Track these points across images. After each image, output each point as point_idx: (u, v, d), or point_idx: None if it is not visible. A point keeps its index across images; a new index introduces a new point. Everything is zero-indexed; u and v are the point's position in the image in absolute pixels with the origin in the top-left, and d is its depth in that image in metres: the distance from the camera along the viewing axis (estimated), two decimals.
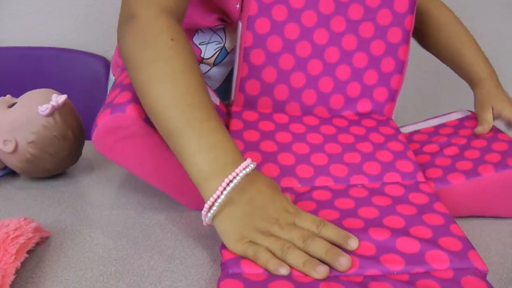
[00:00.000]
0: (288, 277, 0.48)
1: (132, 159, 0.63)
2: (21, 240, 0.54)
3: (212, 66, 0.91)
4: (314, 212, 0.57)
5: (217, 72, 0.92)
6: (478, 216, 0.71)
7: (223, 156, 0.54)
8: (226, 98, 0.86)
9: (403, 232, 0.55)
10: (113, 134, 0.60)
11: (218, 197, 0.52)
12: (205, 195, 0.54)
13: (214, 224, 0.54)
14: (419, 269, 0.51)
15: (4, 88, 1.33)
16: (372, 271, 0.50)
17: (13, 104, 0.74)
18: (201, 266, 0.57)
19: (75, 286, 0.53)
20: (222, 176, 0.53)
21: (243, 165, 0.54)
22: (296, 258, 0.50)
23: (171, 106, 0.56)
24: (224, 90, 0.93)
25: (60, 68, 1.37)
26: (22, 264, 0.54)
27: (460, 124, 0.83)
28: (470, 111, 0.87)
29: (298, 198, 0.63)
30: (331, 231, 0.53)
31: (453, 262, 0.51)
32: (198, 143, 0.55)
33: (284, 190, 0.64)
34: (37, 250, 0.58)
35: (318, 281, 0.48)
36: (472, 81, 0.88)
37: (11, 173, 0.77)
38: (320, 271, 0.49)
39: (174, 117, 0.56)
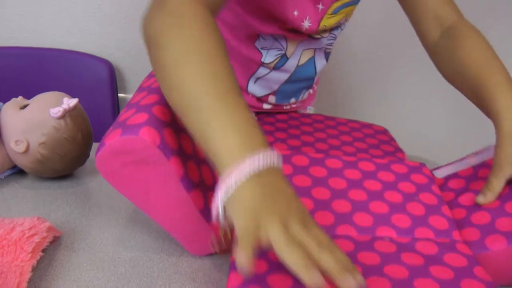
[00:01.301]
0: None
1: (138, 188, 0.55)
2: (36, 239, 0.55)
3: (271, 69, 0.94)
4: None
5: (276, 76, 0.96)
6: None
7: (256, 136, 0.48)
8: (281, 98, 0.98)
9: None
10: (121, 157, 0.53)
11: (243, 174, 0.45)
12: (223, 169, 0.46)
13: (230, 202, 0.45)
14: None
15: (10, 86, 1.35)
16: None
17: (25, 106, 0.75)
18: (208, 270, 0.59)
19: (87, 285, 0.54)
20: (252, 154, 0.45)
21: (273, 152, 0.47)
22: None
23: (199, 82, 0.50)
24: (281, 91, 0.99)
25: (64, 69, 1.39)
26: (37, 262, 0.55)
27: None
28: None
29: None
30: (340, 256, 0.44)
31: None
32: (230, 117, 0.48)
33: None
34: (49, 249, 0.59)
35: None
36: (492, 118, 0.68)
37: (19, 172, 0.79)
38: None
39: (202, 92, 0.49)
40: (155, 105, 0.55)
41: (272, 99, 1.01)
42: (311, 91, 1.08)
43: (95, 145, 0.79)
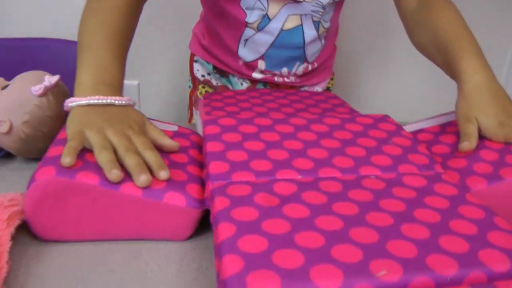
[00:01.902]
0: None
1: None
2: (14, 209, 0.55)
3: (256, 31, 0.98)
4: (327, 206, 0.50)
5: (261, 38, 0.99)
6: None
7: (107, 80, 0.66)
8: (271, 64, 1.02)
9: (443, 228, 0.47)
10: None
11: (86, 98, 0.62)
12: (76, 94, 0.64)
13: (68, 119, 0.60)
14: (475, 272, 0.42)
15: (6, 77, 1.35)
16: (420, 278, 0.41)
17: (5, 86, 0.75)
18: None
19: (75, 249, 0.54)
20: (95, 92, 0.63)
21: (120, 97, 0.64)
22: (133, 160, 0.54)
23: (92, 33, 0.70)
24: (269, 56, 1.02)
25: (52, 58, 1.39)
26: (20, 232, 0.55)
27: None
28: None
29: (302, 188, 0.53)
30: (151, 157, 0.56)
31: None
32: (92, 62, 0.67)
33: (283, 180, 0.55)
34: None
35: None
36: (456, 78, 0.76)
37: (6, 155, 0.78)
38: (143, 179, 0.53)
39: (88, 42, 0.69)
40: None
41: (261, 64, 1.03)
42: (309, 66, 1.07)
43: None
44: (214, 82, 1.16)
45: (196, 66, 1.18)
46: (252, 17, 0.97)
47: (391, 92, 1.90)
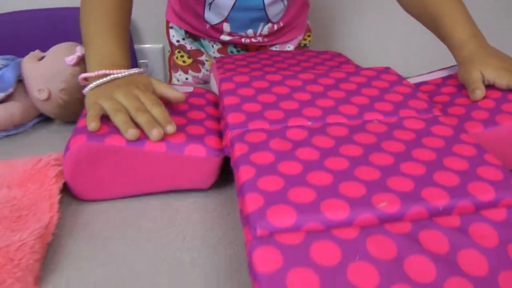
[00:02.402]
0: (329, 235, 0.43)
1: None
2: (60, 168, 0.63)
3: None
4: (335, 148, 0.55)
5: (222, 2, 1.03)
6: None
7: (115, 60, 0.72)
8: (235, 26, 1.06)
9: (438, 165, 0.52)
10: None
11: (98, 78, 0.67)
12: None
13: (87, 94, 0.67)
14: (464, 201, 0.47)
15: (32, 46, 1.43)
16: (416, 208, 0.46)
17: (42, 58, 0.82)
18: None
19: (112, 204, 0.62)
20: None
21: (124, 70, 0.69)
22: (143, 118, 0.60)
23: (93, 25, 0.76)
24: (233, 19, 1.06)
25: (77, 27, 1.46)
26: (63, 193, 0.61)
27: None
28: None
29: (311, 133, 0.58)
30: (158, 113, 0.61)
31: (498, 192, 0.48)
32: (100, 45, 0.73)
33: (295, 127, 0.60)
34: None
35: (363, 237, 0.43)
36: (451, 46, 0.79)
37: (45, 119, 0.87)
38: (155, 134, 0.59)
39: (92, 32, 0.75)
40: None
41: (226, 27, 1.08)
42: (275, 26, 1.10)
43: None
44: (188, 47, 1.22)
45: (171, 32, 1.23)
46: None
47: (378, 44, 1.90)
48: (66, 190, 0.62)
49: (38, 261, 0.50)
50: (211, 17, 1.08)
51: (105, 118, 0.62)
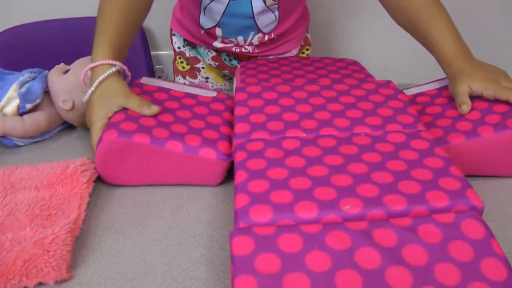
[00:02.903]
0: (296, 229, 0.51)
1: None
2: (88, 173, 0.71)
3: (210, 0, 1.09)
4: (320, 158, 0.63)
5: (215, 6, 1.09)
6: (477, 176, 0.74)
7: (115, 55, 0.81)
8: (226, 32, 1.13)
9: (405, 175, 0.59)
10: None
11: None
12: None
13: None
14: (420, 207, 0.54)
15: (53, 55, 1.52)
16: (375, 211, 0.54)
17: (67, 71, 0.91)
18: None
19: (133, 203, 0.71)
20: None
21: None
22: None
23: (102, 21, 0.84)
24: (224, 24, 1.12)
25: None
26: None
27: None
28: None
29: (303, 144, 0.66)
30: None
31: (452, 200, 0.54)
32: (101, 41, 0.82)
33: (290, 138, 0.69)
34: (98, 182, 0.75)
35: (324, 231, 0.51)
36: (441, 62, 0.84)
37: (69, 126, 0.95)
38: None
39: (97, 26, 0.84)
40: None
41: (218, 31, 1.15)
42: (266, 37, 1.15)
43: None
44: (187, 54, 1.30)
45: (174, 39, 1.31)
46: None
47: (377, 55, 1.94)
48: (92, 194, 0.71)
49: (70, 252, 0.59)
50: (205, 21, 1.15)
51: (137, 118, 0.73)
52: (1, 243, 0.60)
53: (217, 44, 1.20)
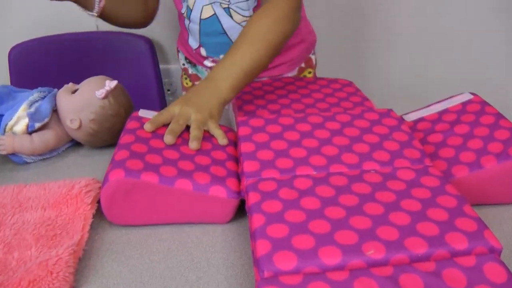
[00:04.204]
0: (323, 277, 0.53)
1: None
2: (93, 194, 0.75)
3: (189, 21, 1.17)
4: (334, 198, 0.65)
5: (192, 27, 1.18)
6: (480, 204, 0.76)
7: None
8: (209, 51, 1.20)
9: (421, 216, 0.61)
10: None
11: None
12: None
13: None
14: (441, 250, 0.57)
15: (62, 71, 1.57)
16: (398, 256, 0.56)
17: (75, 90, 0.95)
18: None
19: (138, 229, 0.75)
20: None
21: None
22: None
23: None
24: (205, 44, 1.19)
25: (107, 50, 1.59)
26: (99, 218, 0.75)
27: (462, 109, 0.86)
28: (473, 94, 0.88)
29: (316, 183, 0.68)
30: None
31: (471, 242, 0.57)
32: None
33: (302, 176, 0.70)
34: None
35: (351, 278, 0.53)
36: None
37: (76, 144, 0.99)
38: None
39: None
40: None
41: (203, 51, 1.23)
42: None
43: None
44: (189, 71, 1.35)
45: (179, 55, 1.37)
46: (183, 8, 1.16)
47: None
48: (96, 213, 0.75)
49: (72, 274, 0.63)
50: (192, 41, 1.21)
51: (143, 155, 0.74)
52: (7, 263, 0.65)
53: (207, 63, 1.25)
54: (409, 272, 0.54)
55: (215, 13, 1.14)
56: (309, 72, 1.32)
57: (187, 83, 1.39)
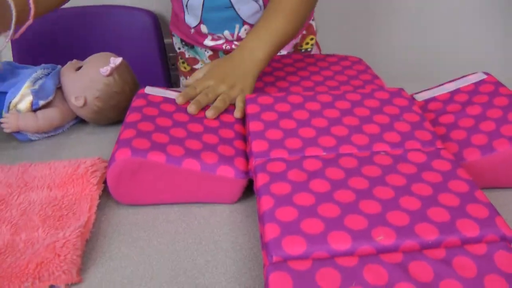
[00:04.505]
0: (332, 263, 0.53)
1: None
2: (99, 174, 0.75)
3: None
4: (344, 181, 0.64)
5: (194, 2, 1.14)
6: (491, 188, 0.75)
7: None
8: (211, 27, 1.17)
9: (432, 201, 0.61)
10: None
11: None
12: None
13: None
14: (452, 237, 0.56)
15: (66, 45, 1.55)
16: (408, 242, 0.56)
17: (79, 67, 0.94)
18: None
19: (143, 208, 0.74)
20: None
21: None
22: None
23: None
24: (207, 20, 1.16)
25: (111, 24, 1.57)
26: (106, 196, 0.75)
27: (475, 89, 0.84)
28: (486, 73, 0.87)
29: (325, 164, 0.68)
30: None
31: (482, 229, 0.57)
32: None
33: (311, 157, 0.70)
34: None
35: (361, 265, 0.53)
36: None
37: (81, 121, 0.98)
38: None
39: None
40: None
41: (204, 28, 1.19)
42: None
43: None
44: (186, 54, 1.32)
45: (174, 39, 1.34)
46: None
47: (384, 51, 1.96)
48: (102, 193, 0.75)
49: (80, 256, 0.63)
50: (190, 20, 1.18)
51: (149, 134, 0.73)
52: (15, 244, 0.65)
53: (208, 42, 1.22)
54: (419, 259, 0.54)
55: None
56: (311, 39, 1.31)
57: (185, 67, 1.36)
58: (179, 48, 1.34)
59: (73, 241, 0.64)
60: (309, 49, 1.31)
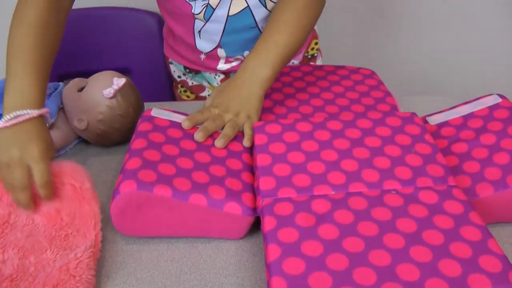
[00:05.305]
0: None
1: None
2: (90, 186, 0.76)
3: (205, 21, 1.07)
4: (353, 226, 0.64)
5: (212, 27, 1.08)
6: (505, 222, 0.76)
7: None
8: (230, 50, 1.12)
9: (444, 251, 0.60)
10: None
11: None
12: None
13: None
14: None
15: (69, 49, 1.53)
16: None
17: (82, 88, 0.92)
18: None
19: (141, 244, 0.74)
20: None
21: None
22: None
23: (14, 56, 0.81)
24: (226, 44, 1.11)
25: (116, 26, 1.54)
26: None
27: (489, 114, 0.83)
28: (501, 97, 0.85)
29: (334, 206, 0.67)
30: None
31: (495, 286, 0.56)
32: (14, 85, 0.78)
33: (319, 197, 0.69)
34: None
35: None
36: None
37: (84, 142, 0.97)
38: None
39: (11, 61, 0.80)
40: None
41: (221, 52, 1.14)
42: None
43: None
44: (189, 82, 1.27)
45: (172, 67, 1.29)
46: (197, 8, 1.05)
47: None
48: (105, 227, 0.74)
49: (94, 276, 0.65)
50: (203, 45, 1.13)
51: (155, 165, 0.73)
52: (25, 268, 0.67)
53: (222, 66, 1.18)
54: None
55: (248, 6, 1.06)
56: (316, 43, 1.29)
57: (187, 96, 1.32)
58: (179, 77, 1.29)
59: (86, 261, 0.65)
60: (315, 54, 1.29)
